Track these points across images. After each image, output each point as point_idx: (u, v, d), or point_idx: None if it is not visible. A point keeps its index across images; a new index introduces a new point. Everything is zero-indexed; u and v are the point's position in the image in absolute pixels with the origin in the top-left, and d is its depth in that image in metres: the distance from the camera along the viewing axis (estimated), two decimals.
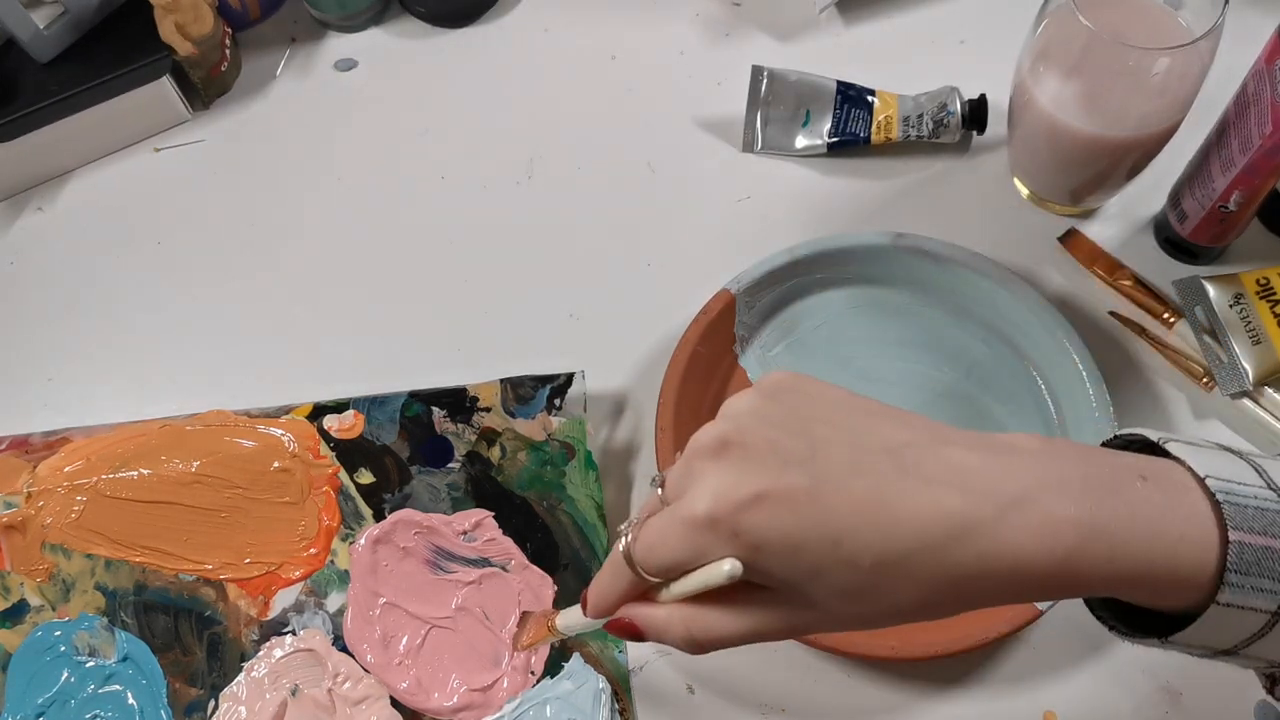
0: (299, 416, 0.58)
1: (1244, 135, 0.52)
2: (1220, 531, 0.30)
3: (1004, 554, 0.30)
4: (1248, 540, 0.30)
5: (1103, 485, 0.30)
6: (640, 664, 0.52)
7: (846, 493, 0.30)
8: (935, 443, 0.31)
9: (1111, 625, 0.35)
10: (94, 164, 0.68)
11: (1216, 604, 0.30)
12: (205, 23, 0.65)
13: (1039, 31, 0.54)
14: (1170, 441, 0.32)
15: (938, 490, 0.30)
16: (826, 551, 0.30)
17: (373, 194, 0.66)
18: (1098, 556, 0.30)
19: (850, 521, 0.30)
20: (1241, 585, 0.30)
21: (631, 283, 0.62)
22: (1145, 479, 0.31)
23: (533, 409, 0.57)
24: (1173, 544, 0.30)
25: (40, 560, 0.55)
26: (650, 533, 0.32)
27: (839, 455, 0.30)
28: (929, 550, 0.30)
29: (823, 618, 0.32)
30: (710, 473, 0.31)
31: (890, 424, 0.32)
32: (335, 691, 0.52)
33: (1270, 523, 0.30)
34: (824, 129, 0.65)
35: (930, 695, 0.51)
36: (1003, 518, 0.30)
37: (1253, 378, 0.55)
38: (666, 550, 0.31)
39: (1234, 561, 0.30)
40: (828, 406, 0.32)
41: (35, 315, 0.64)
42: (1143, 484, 0.31)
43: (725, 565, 0.30)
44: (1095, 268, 0.60)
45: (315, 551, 0.55)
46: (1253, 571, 0.30)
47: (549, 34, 0.71)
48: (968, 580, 0.30)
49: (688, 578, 0.32)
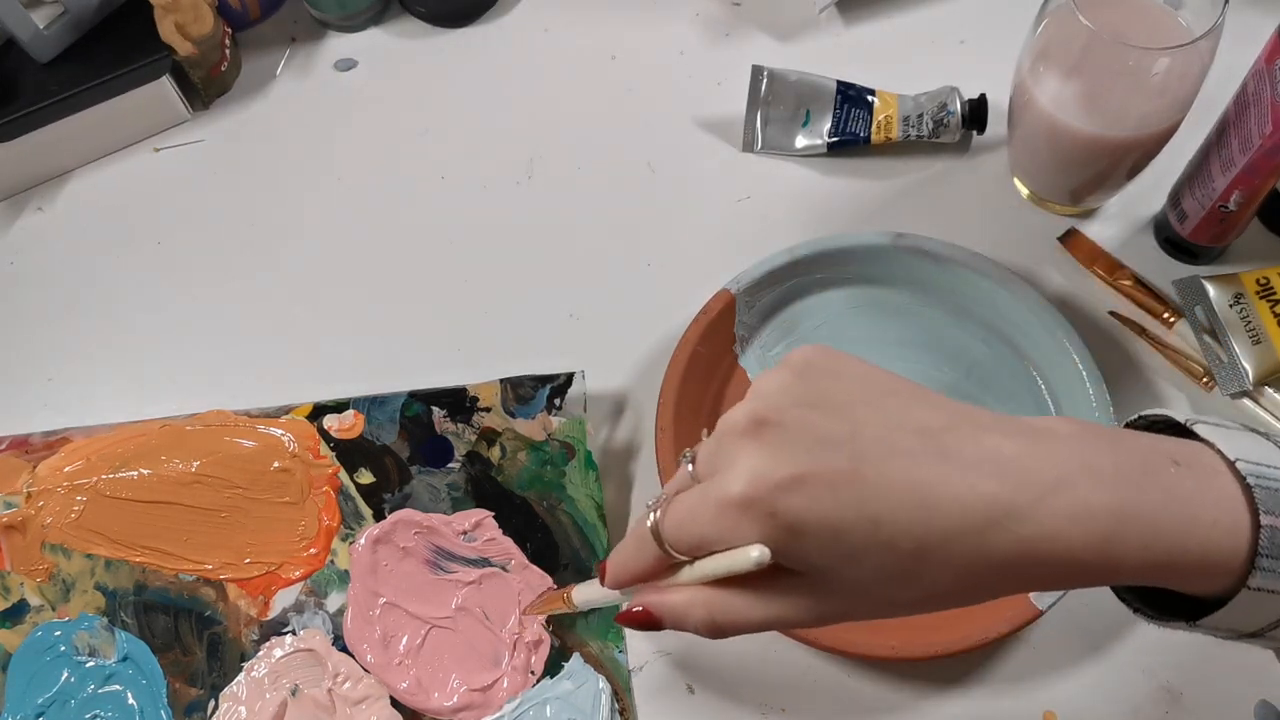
0: (299, 416, 0.58)
1: (1244, 135, 0.52)
2: (1251, 516, 0.30)
3: (1042, 539, 0.29)
4: (1279, 524, 0.30)
5: (1137, 471, 0.30)
6: (640, 664, 0.52)
7: (886, 475, 0.29)
8: (971, 427, 0.31)
9: (1137, 608, 0.34)
10: (94, 164, 0.68)
11: (1247, 588, 0.30)
12: (205, 23, 0.65)
13: (1039, 31, 0.54)
14: (1198, 423, 0.32)
15: (977, 475, 0.30)
16: (866, 534, 0.29)
17: (373, 194, 0.66)
18: (1133, 543, 0.30)
19: (890, 504, 0.29)
20: (1273, 570, 0.30)
21: (631, 283, 0.62)
22: (1178, 463, 0.31)
23: (533, 409, 0.57)
24: (1206, 529, 0.30)
25: (40, 560, 0.55)
26: (680, 510, 0.31)
27: (876, 437, 0.30)
28: (969, 534, 0.29)
29: (852, 604, 0.31)
30: (745, 452, 0.30)
31: (925, 406, 0.31)
32: (335, 691, 0.52)
33: None
34: (824, 129, 0.65)
35: (930, 695, 0.51)
36: (1041, 503, 0.29)
37: (1253, 378, 0.55)
38: (697, 528, 0.31)
39: (1265, 545, 0.30)
40: (862, 386, 0.32)
41: (35, 315, 0.64)
42: (1175, 469, 0.31)
43: (753, 552, 0.29)
44: (1095, 268, 0.60)
45: (315, 551, 0.55)
46: None
47: (549, 34, 0.71)
48: (1005, 565, 0.30)
49: (713, 559, 0.31)
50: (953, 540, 0.29)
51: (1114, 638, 0.52)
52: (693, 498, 0.31)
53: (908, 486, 0.29)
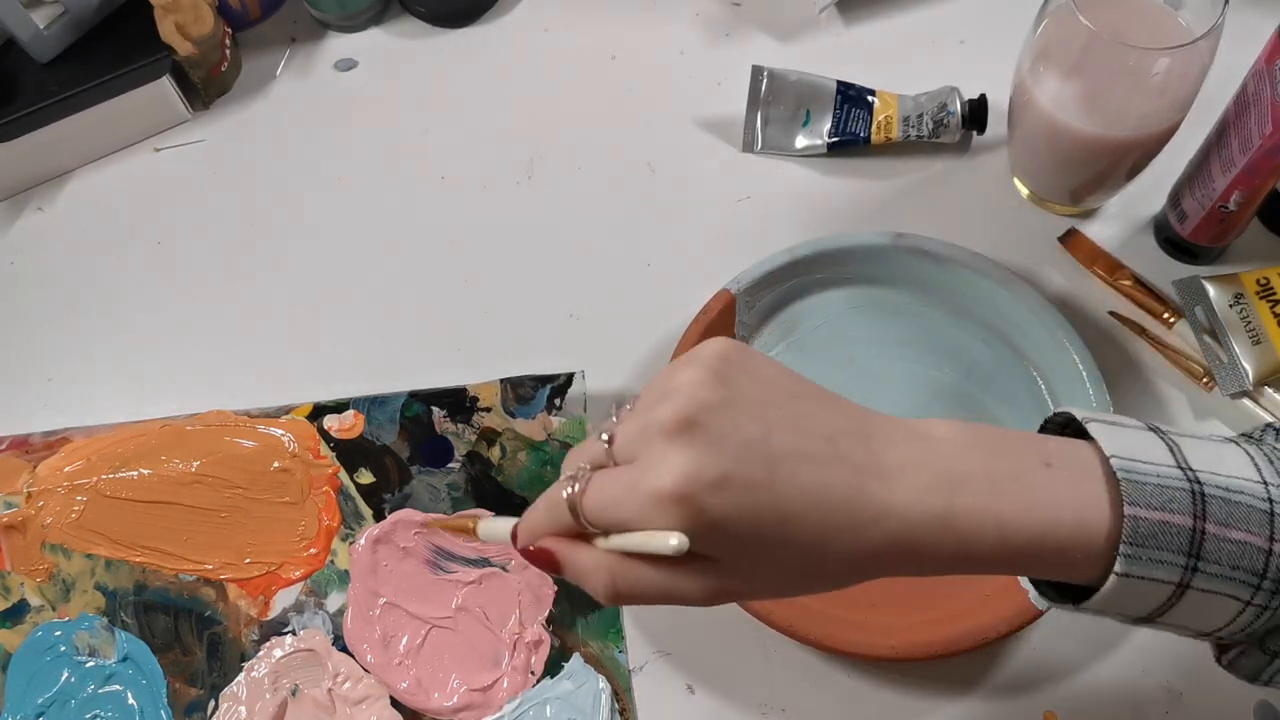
0: (299, 416, 0.58)
1: (1244, 135, 0.52)
2: (1117, 509, 0.33)
3: (909, 536, 0.33)
4: (1144, 515, 0.32)
5: (1004, 476, 0.34)
6: (640, 664, 0.52)
7: (796, 478, 0.32)
8: (863, 434, 0.34)
9: (1041, 590, 0.38)
10: (94, 164, 0.68)
11: (1115, 574, 0.33)
12: (205, 23, 0.65)
13: (1039, 31, 0.54)
14: (1092, 421, 0.35)
15: (864, 478, 0.33)
16: (776, 530, 0.32)
17: (373, 194, 0.66)
18: (989, 541, 0.33)
19: (798, 505, 0.32)
20: (1138, 557, 0.32)
21: (631, 283, 0.62)
22: (1050, 465, 0.34)
23: (533, 409, 0.57)
24: (1067, 528, 0.33)
25: (40, 560, 0.55)
26: (603, 493, 0.33)
27: (787, 440, 0.33)
28: (854, 530, 0.33)
29: (748, 586, 0.34)
30: (675, 450, 0.32)
31: (826, 410, 0.35)
32: (335, 691, 0.52)
33: (1169, 499, 0.32)
34: (824, 129, 0.65)
35: (930, 695, 0.51)
36: (912, 505, 0.33)
37: (1253, 378, 0.55)
38: (621, 512, 0.33)
39: (1129, 534, 0.32)
40: (773, 389, 0.34)
41: (35, 315, 0.64)
42: (1046, 470, 0.34)
43: (672, 539, 0.31)
44: (1095, 268, 0.60)
45: (315, 551, 0.55)
46: (1149, 544, 0.32)
47: (549, 34, 0.71)
48: (879, 555, 0.33)
49: (630, 537, 0.33)
50: (844, 535, 0.33)
51: (1114, 638, 0.52)
52: (618, 485, 0.33)
53: (811, 489, 0.32)
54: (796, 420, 0.34)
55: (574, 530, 0.35)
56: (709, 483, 0.31)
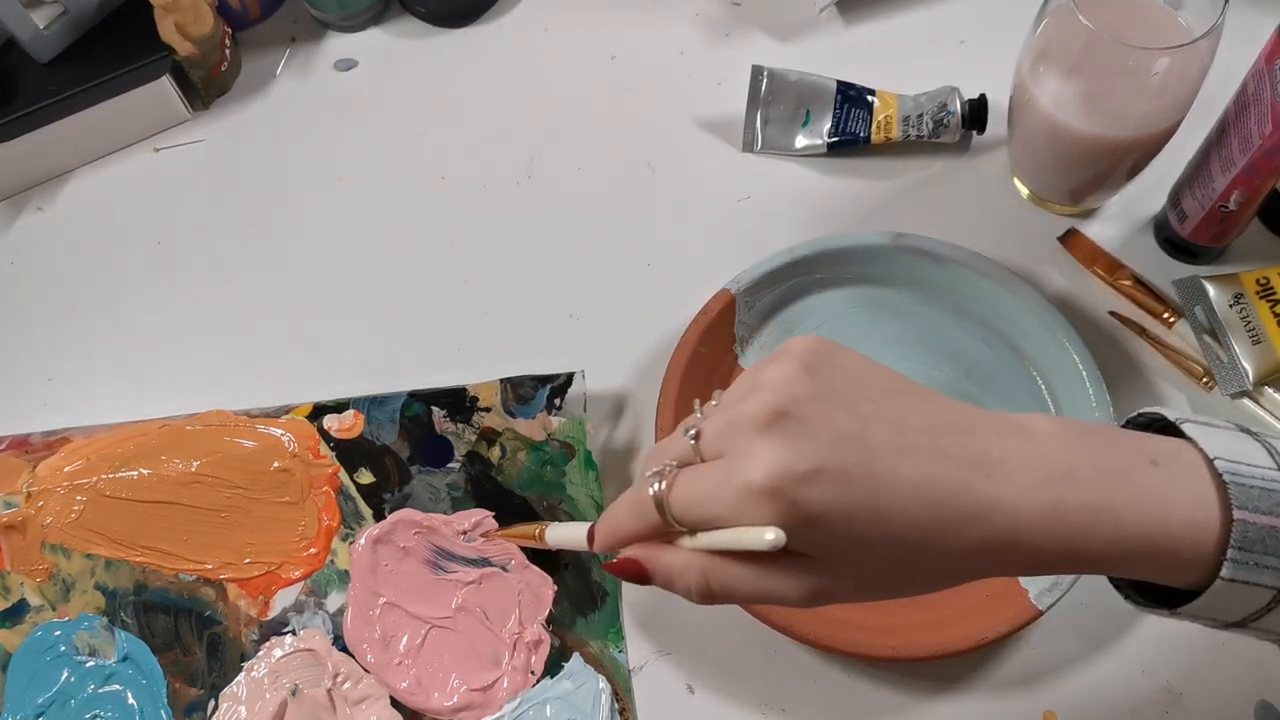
0: (299, 416, 0.58)
1: (1244, 135, 0.52)
2: (1224, 512, 0.32)
3: (1018, 532, 0.32)
4: (1252, 519, 0.31)
5: (1114, 471, 0.32)
6: (640, 664, 0.52)
7: (894, 471, 0.31)
8: (964, 429, 0.33)
9: (1127, 595, 0.37)
10: (94, 164, 0.68)
11: (1221, 579, 0.32)
12: (205, 23, 0.65)
13: (1039, 31, 0.54)
14: (1186, 422, 0.34)
15: (970, 473, 0.32)
16: (875, 525, 0.31)
17: (373, 194, 0.66)
18: (1101, 539, 0.32)
19: (899, 498, 0.31)
20: (1245, 562, 0.31)
21: (631, 283, 0.62)
22: (1156, 463, 0.33)
23: (533, 409, 0.57)
24: (1178, 527, 0.32)
25: (40, 560, 0.55)
26: (693, 488, 0.33)
27: (884, 434, 0.32)
28: (959, 526, 0.31)
29: (845, 585, 0.33)
30: (766, 443, 0.31)
31: (924, 404, 0.33)
32: (335, 691, 0.52)
33: (1276, 503, 0.31)
34: (824, 129, 0.65)
35: (930, 695, 0.51)
36: (1020, 500, 0.32)
37: (1253, 378, 0.55)
38: (713, 508, 0.32)
39: (1237, 539, 0.31)
40: (865, 383, 0.33)
41: (35, 315, 0.64)
42: (1153, 468, 0.33)
43: (769, 534, 0.30)
44: (1095, 268, 0.60)
45: (315, 551, 0.55)
46: (1256, 549, 0.31)
47: (549, 34, 0.71)
48: (984, 552, 0.32)
49: (722, 534, 0.32)
50: (948, 531, 0.32)
51: (1114, 638, 0.52)
52: (708, 480, 0.32)
53: (913, 483, 0.31)
54: (894, 414, 0.32)
55: (657, 530, 0.34)
56: (802, 475, 0.30)
